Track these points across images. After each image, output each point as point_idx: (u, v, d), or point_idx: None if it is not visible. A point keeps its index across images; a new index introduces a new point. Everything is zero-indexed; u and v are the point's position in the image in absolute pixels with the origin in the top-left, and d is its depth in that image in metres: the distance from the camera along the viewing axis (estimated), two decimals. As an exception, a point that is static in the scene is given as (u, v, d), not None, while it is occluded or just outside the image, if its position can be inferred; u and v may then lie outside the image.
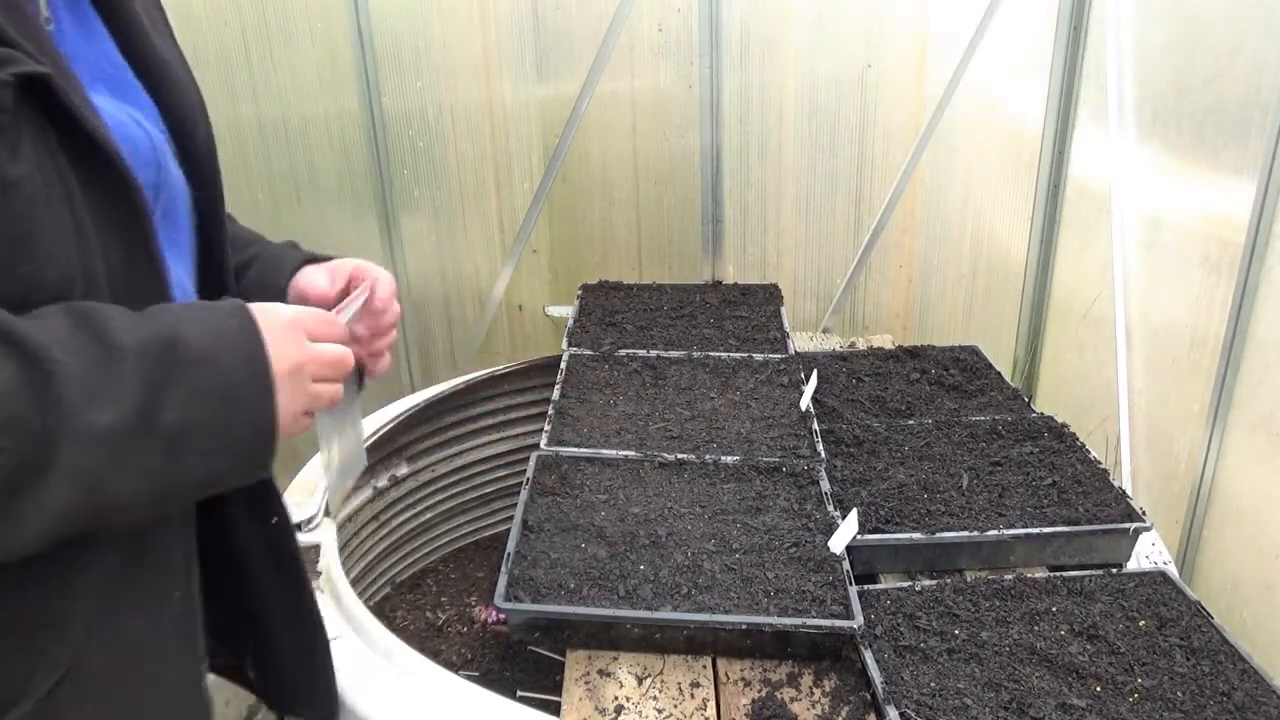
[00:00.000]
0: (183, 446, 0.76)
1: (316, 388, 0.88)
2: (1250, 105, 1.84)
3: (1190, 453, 2.04)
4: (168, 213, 0.92)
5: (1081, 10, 2.45)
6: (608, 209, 3.12)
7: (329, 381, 0.90)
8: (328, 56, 2.78)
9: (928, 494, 1.75)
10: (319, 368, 0.88)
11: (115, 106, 0.86)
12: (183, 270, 0.96)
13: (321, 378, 0.89)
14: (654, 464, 1.80)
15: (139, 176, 0.83)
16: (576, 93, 2.89)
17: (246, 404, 0.81)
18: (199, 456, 0.78)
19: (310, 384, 0.88)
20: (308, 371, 0.87)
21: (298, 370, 0.86)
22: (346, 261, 1.13)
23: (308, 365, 0.87)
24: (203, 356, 0.78)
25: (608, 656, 1.45)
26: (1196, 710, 1.28)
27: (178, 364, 0.76)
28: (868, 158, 3.08)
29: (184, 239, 0.97)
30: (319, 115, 2.84)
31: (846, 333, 3.23)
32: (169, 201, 0.92)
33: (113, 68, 0.90)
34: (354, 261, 1.13)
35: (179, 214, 0.95)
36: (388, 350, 1.13)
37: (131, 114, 0.88)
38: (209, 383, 0.78)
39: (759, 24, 2.89)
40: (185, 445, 0.76)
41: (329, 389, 0.90)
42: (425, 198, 3.01)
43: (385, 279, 1.11)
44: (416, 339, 3.15)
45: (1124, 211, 2.29)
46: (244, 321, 0.83)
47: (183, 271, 0.96)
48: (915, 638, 1.42)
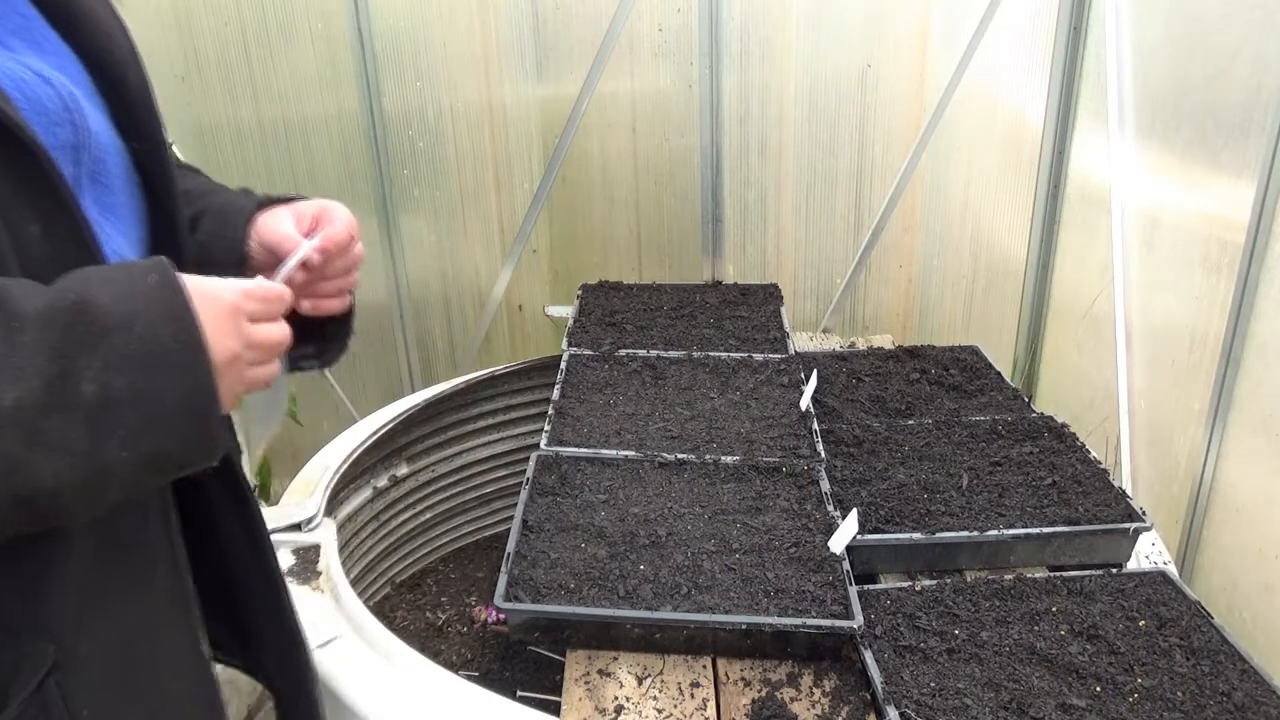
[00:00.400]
0: (107, 421, 0.69)
1: (253, 373, 0.82)
2: (1250, 105, 1.84)
3: (1190, 453, 2.04)
4: (97, 174, 0.84)
5: (1081, 10, 2.45)
6: (608, 209, 3.12)
7: (266, 364, 0.84)
8: (328, 56, 2.78)
9: (928, 494, 1.75)
10: (257, 354, 0.82)
11: (16, 63, 0.78)
12: (123, 237, 0.87)
13: (259, 361, 0.83)
14: (654, 464, 1.80)
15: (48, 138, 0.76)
16: (576, 93, 2.89)
17: (175, 368, 0.73)
18: (130, 433, 0.70)
19: (247, 371, 0.81)
20: (245, 359, 0.80)
21: (235, 360, 0.79)
22: (311, 202, 1.04)
23: (247, 353, 0.80)
24: (120, 320, 0.70)
25: (608, 656, 1.45)
26: (1196, 710, 1.28)
27: (89, 330, 0.69)
28: (868, 158, 3.08)
29: (124, 201, 0.88)
30: (319, 115, 2.84)
31: (846, 333, 3.23)
32: (96, 162, 0.84)
33: (21, 17, 0.82)
34: (319, 202, 1.04)
35: (111, 175, 0.86)
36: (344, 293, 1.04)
37: (37, 69, 0.79)
38: (128, 348, 0.70)
39: (759, 24, 2.89)
40: (109, 419, 0.69)
41: (265, 371, 0.84)
42: (425, 198, 3.01)
43: (341, 220, 1.02)
44: (416, 339, 3.16)
45: (1124, 211, 2.29)
46: (164, 277, 0.74)
47: (123, 239, 0.87)
48: (915, 638, 1.42)
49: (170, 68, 2.69)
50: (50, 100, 0.78)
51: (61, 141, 0.78)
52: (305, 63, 2.77)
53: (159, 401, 0.72)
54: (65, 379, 0.68)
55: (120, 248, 0.86)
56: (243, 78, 2.75)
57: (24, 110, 0.75)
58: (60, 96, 0.79)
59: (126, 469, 0.72)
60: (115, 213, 0.87)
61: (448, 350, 3.22)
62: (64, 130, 0.79)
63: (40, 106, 0.77)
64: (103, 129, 0.85)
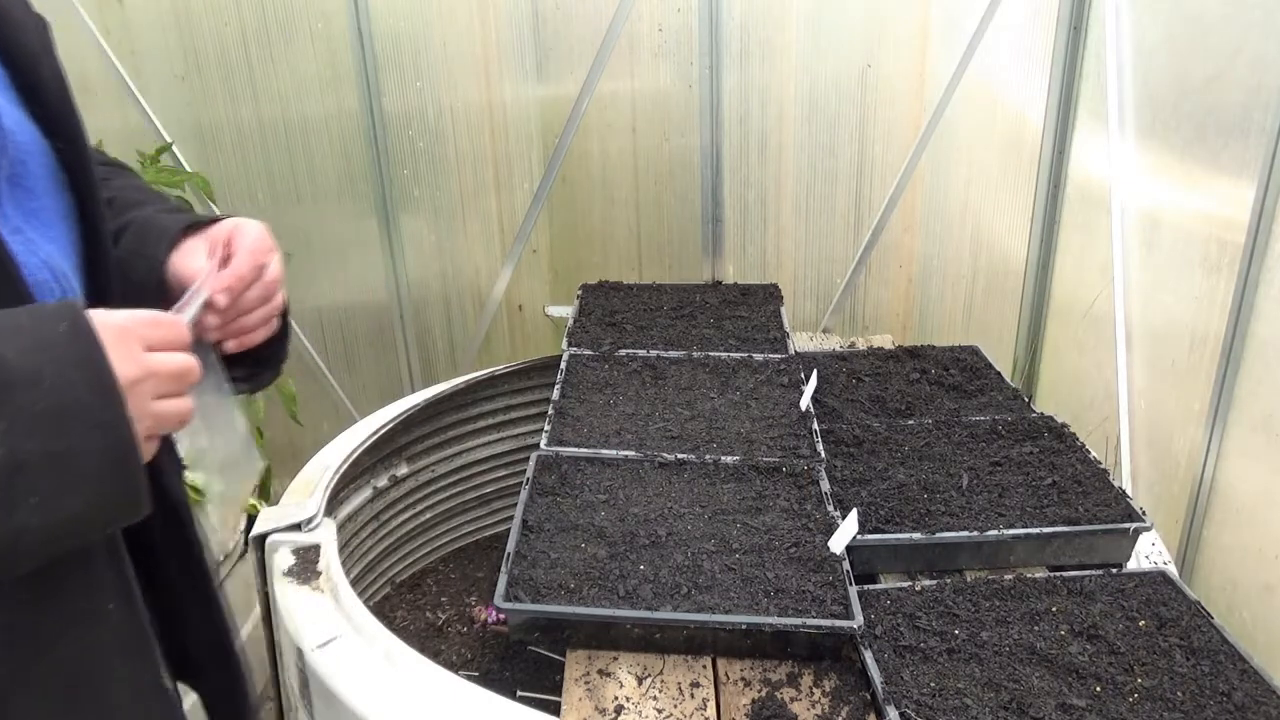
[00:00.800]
0: (17, 487, 0.63)
1: (160, 406, 0.74)
2: (1250, 106, 1.84)
3: (1190, 453, 2.04)
4: (18, 177, 0.79)
5: (1081, 10, 2.45)
6: (608, 209, 3.12)
7: (173, 397, 0.76)
8: (328, 56, 2.78)
9: (928, 494, 1.75)
10: (159, 383, 0.74)
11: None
12: (52, 244, 0.82)
13: (164, 393, 0.75)
14: (654, 464, 1.80)
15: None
16: (576, 93, 2.89)
17: (91, 423, 0.67)
18: (43, 499, 0.65)
19: (151, 403, 0.73)
20: (146, 389, 0.73)
21: (133, 387, 0.71)
22: (222, 224, 0.96)
23: (145, 381, 0.72)
24: (27, 375, 0.64)
25: (608, 656, 1.45)
26: (1196, 710, 1.28)
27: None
28: (868, 158, 3.08)
29: (50, 204, 0.83)
30: (319, 115, 2.84)
31: (846, 333, 3.23)
32: (16, 164, 0.79)
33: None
34: (230, 222, 0.96)
35: (35, 177, 0.81)
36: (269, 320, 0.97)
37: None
38: (35, 407, 0.64)
39: (759, 24, 2.89)
40: (20, 485, 0.63)
41: (175, 405, 0.76)
42: (425, 198, 3.01)
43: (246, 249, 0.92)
44: (416, 339, 3.16)
45: (1124, 211, 2.29)
46: (75, 324, 0.68)
47: (52, 245, 0.82)
48: (915, 638, 1.42)
49: (170, 68, 2.70)
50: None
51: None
52: (305, 63, 2.78)
53: (75, 462, 0.66)
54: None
55: (49, 255, 0.81)
56: (243, 78, 2.75)
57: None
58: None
59: (40, 536, 0.67)
60: (40, 217, 0.82)
61: (448, 350, 3.22)
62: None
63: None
64: (22, 128, 0.80)
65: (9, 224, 0.77)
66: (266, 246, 0.95)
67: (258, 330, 0.96)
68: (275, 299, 0.97)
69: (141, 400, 0.72)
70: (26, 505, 0.64)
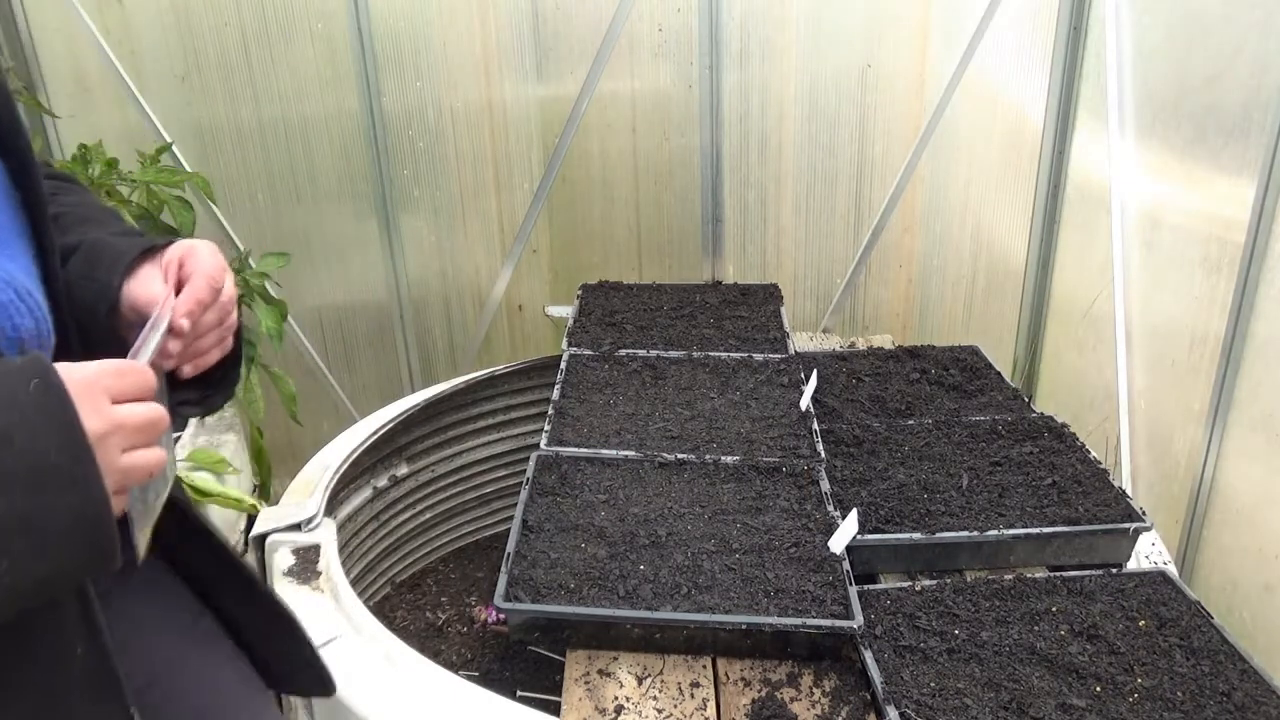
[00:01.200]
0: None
1: (129, 460, 0.72)
2: (1250, 105, 1.84)
3: (1190, 453, 2.04)
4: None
5: (1081, 10, 2.45)
6: (608, 209, 3.12)
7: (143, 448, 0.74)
8: (328, 57, 2.78)
9: (928, 494, 1.75)
10: (127, 435, 0.72)
11: None
12: (11, 261, 0.81)
13: (133, 445, 0.73)
14: (654, 464, 1.80)
15: None
16: (576, 93, 2.89)
17: (63, 485, 0.65)
18: (14, 560, 0.64)
19: (120, 457, 0.71)
20: (114, 443, 0.71)
21: (101, 442, 0.69)
22: (174, 248, 0.93)
23: (113, 435, 0.70)
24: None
25: (608, 656, 1.45)
26: (1196, 710, 1.28)
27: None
28: (868, 158, 3.08)
29: (5, 222, 0.82)
30: (319, 115, 2.84)
31: (846, 333, 3.23)
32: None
33: None
34: (182, 245, 0.94)
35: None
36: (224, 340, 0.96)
37: None
38: (5, 466, 0.63)
39: (759, 24, 2.89)
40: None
41: (146, 456, 0.74)
42: (425, 198, 3.01)
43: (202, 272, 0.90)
44: (416, 339, 3.16)
45: (1124, 211, 2.29)
46: (45, 381, 0.66)
47: (11, 263, 0.80)
48: (915, 638, 1.42)
49: (170, 68, 2.70)
50: None
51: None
52: (305, 63, 2.78)
53: (46, 523, 0.65)
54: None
55: (10, 273, 0.79)
56: (243, 78, 2.75)
57: None
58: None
59: (13, 595, 0.66)
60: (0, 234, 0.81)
61: (448, 350, 3.23)
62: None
63: None
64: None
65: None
66: (221, 267, 0.94)
67: (212, 352, 0.95)
68: (230, 319, 0.96)
69: (110, 454, 0.70)
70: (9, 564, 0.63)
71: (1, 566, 0.63)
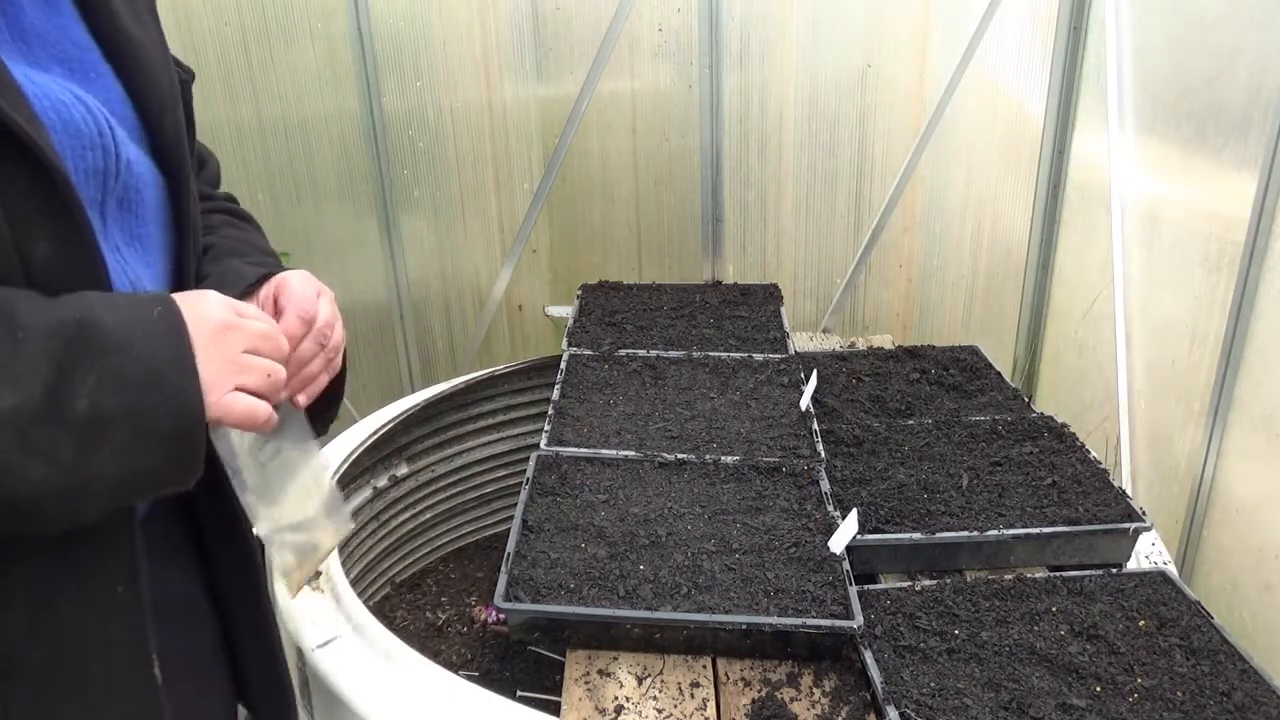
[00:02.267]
0: (97, 436, 0.72)
1: (249, 358, 0.82)
2: (1250, 105, 1.84)
3: (1190, 453, 2.04)
4: (126, 203, 0.87)
5: (1081, 10, 2.45)
6: (608, 209, 3.12)
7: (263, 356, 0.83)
8: (328, 56, 2.78)
9: (928, 494, 1.75)
10: (249, 338, 0.82)
11: (60, 86, 0.80)
12: (145, 267, 0.90)
13: (253, 349, 0.83)
14: (654, 464, 1.80)
15: (76, 162, 0.79)
16: (576, 93, 2.89)
17: (167, 392, 0.75)
18: (114, 449, 0.73)
19: (241, 354, 0.81)
20: (235, 339, 0.81)
21: (223, 333, 0.80)
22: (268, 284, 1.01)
23: (235, 332, 0.81)
24: (120, 342, 0.73)
25: (608, 656, 1.45)
26: (1196, 710, 1.28)
27: (90, 348, 0.72)
28: (868, 158, 3.08)
29: (152, 232, 0.91)
30: (319, 115, 2.84)
31: (846, 333, 3.23)
32: (129, 191, 0.86)
33: (75, 47, 0.85)
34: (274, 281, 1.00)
35: (144, 205, 0.89)
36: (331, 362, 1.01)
37: (79, 94, 0.82)
38: (125, 369, 0.73)
39: (759, 24, 2.89)
40: (99, 435, 0.72)
41: (264, 362, 0.83)
42: (425, 198, 3.01)
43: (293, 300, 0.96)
44: (416, 339, 3.16)
45: (1124, 211, 2.29)
46: (167, 310, 0.78)
47: (145, 268, 0.89)
48: (915, 638, 1.42)
49: (170, 68, 2.70)
50: (85, 124, 0.80)
51: (90, 166, 0.81)
52: (305, 63, 2.78)
53: (148, 422, 0.74)
54: (61, 391, 0.70)
55: (138, 277, 0.88)
56: (243, 78, 2.75)
57: (56, 132, 0.77)
58: (95, 122, 0.81)
59: (109, 484, 0.74)
60: (142, 242, 0.89)
61: (448, 350, 3.22)
62: (95, 155, 0.81)
63: (74, 129, 0.79)
64: (141, 162, 0.88)
65: (109, 241, 0.84)
66: (311, 296, 0.98)
67: (320, 376, 0.99)
68: (331, 342, 1.00)
69: (228, 345, 0.80)
70: (101, 455, 0.72)
71: (104, 452, 0.72)
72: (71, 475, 0.71)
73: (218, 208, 1.15)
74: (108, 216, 0.85)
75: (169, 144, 0.92)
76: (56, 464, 0.70)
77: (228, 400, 0.81)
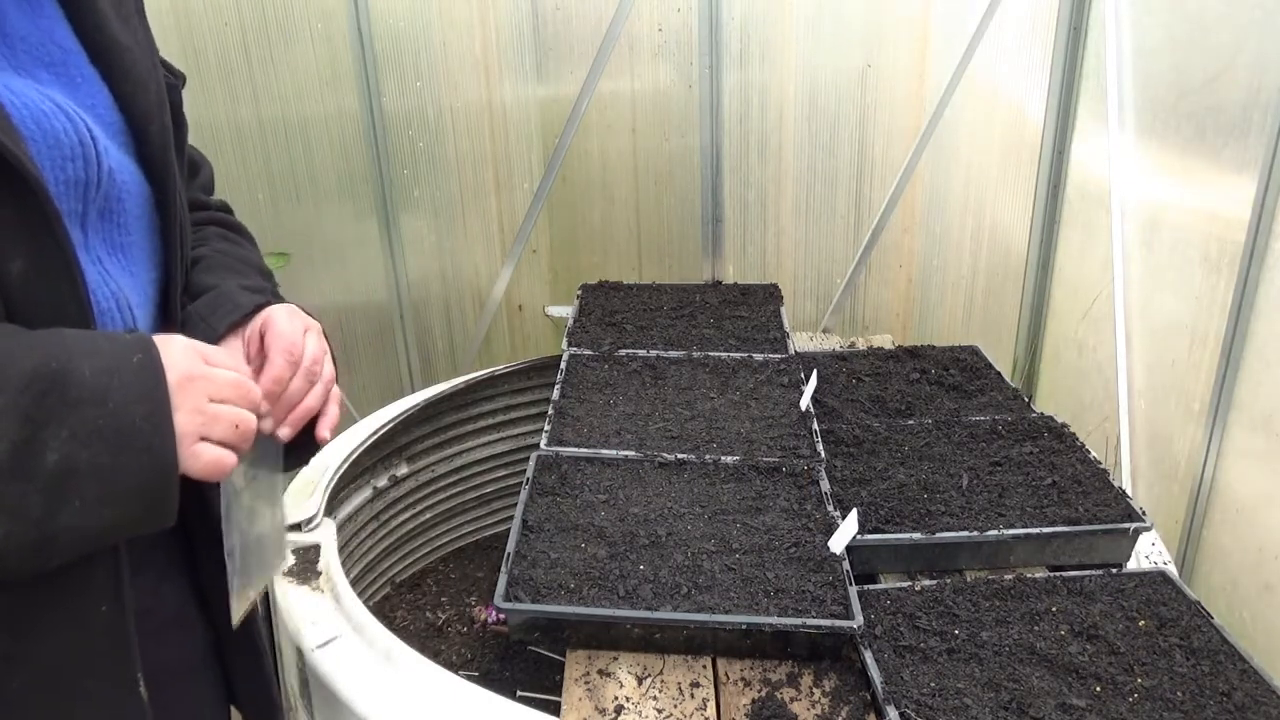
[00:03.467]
0: (67, 490, 0.70)
1: (216, 408, 0.79)
2: (1250, 106, 1.84)
3: (1190, 453, 2.04)
4: (110, 212, 0.85)
5: (1081, 10, 2.45)
6: (608, 209, 3.12)
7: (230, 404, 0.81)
8: (328, 57, 2.78)
9: (928, 494, 1.75)
10: (217, 387, 0.80)
11: (39, 93, 0.78)
12: (130, 277, 0.88)
13: (221, 398, 0.80)
14: (654, 464, 1.80)
15: (55, 173, 0.77)
16: (576, 93, 2.89)
17: (139, 447, 0.73)
18: (84, 504, 0.71)
19: (207, 403, 0.79)
20: (201, 387, 0.78)
21: (189, 382, 0.77)
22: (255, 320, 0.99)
23: (201, 381, 0.78)
24: (95, 394, 0.71)
25: (608, 656, 1.45)
26: (1196, 710, 1.28)
27: (64, 400, 0.70)
28: (868, 158, 3.08)
29: (136, 241, 0.89)
30: (319, 115, 2.84)
31: (846, 333, 3.23)
32: (111, 200, 0.84)
33: (59, 50, 0.83)
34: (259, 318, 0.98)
35: (127, 214, 0.87)
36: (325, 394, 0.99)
37: (60, 102, 0.80)
38: (99, 423, 0.71)
39: (759, 24, 2.89)
40: (69, 489, 0.70)
41: (231, 412, 0.81)
42: (425, 198, 3.01)
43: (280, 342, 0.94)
44: (416, 339, 3.16)
45: (1124, 211, 2.29)
46: (146, 358, 0.75)
47: (129, 278, 0.88)
48: (915, 638, 1.42)
49: (170, 68, 2.70)
50: (65, 134, 0.78)
51: (70, 177, 0.79)
52: (305, 63, 2.78)
53: (120, 477, 0.73)
54: (32, 446, 0.68)
55: (121, 288, 0.85)
56: (243, 78, 2.75)
57: (34, 142, 0.75)
58: (76, 131, 0.79)
59: (76, 535, 0.72)
60: (127, 252, 0.87)
61: (448, 350, 3.22)
62: (75, 165, 0.79)
63: (54, 139, 0.78)
64: (126, 169, 0.86)
65: (90, 253, 0.83)
66: (298, 334, 0.97)
67: (309, 408, 0.98)
68: (324, 375, 0.99)
69: (195, 396, 0.78)
70: (69, 509, 0.71)
71: (73, 506, 0.71)
72: (38, 529, 0.70)
73: (211, 218, 1.13)
74: (88, 227, 0.83)
75: (156, 151, 0.90)
76: (23, 518, 0.69)
77: (194, 451, 0.79)
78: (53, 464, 0.69)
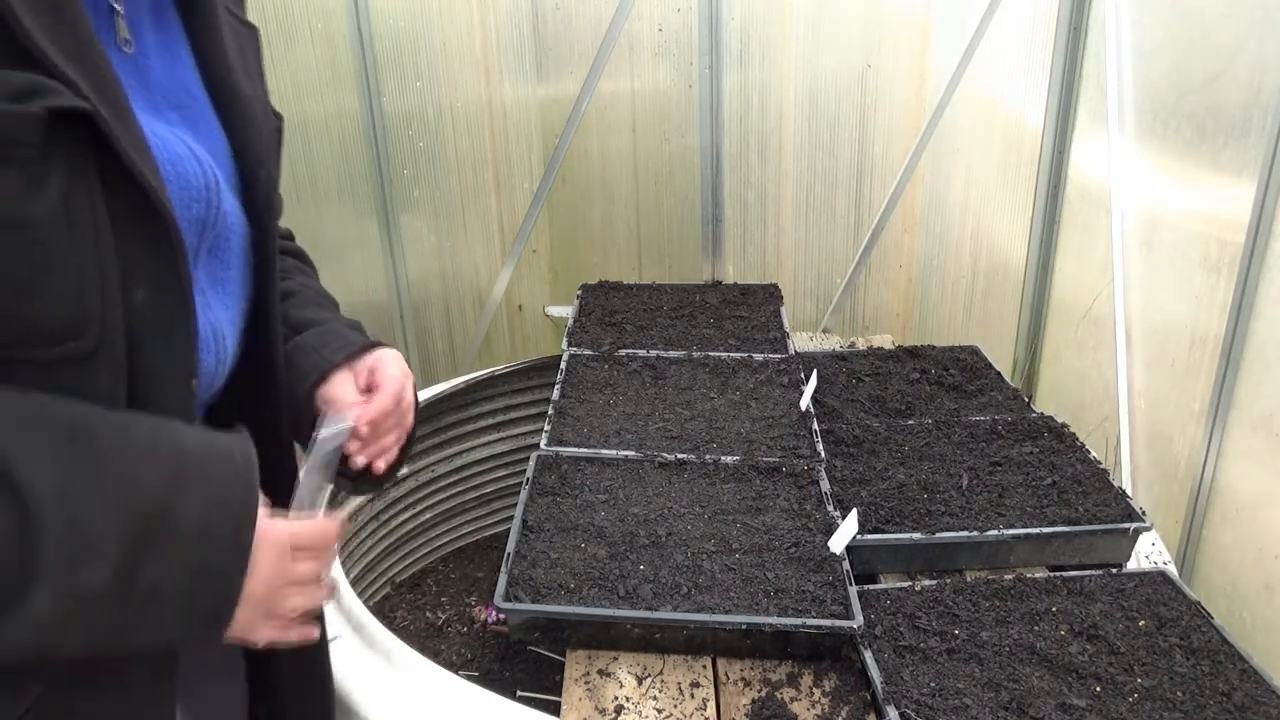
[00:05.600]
0: (148, 610, 0.75)
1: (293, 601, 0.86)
2: (1250, 106, 1.84)
3: (1190, 453, 2.04)
4: (216, 250, 0.91)
5: (1081, 10, 2.45)
6: (608, 209, 3.12)
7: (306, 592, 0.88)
8: (328, 56, 2.78)
9: (928, 494, 1.75)
10: (297, 588, 0.86)
11: (175, 136, 0.85)
12: (224, 310, 0.93)
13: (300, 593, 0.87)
14: (654, 464, 1.80)
15: (183, 211, 0.82)
16: (576, 93, 2.89)
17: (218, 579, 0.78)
18: (158, 622, 0.76)
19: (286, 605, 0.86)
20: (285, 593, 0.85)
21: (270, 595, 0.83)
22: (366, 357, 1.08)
23: (286, 588, 0.85)
24: (198, 531, 0.76)
25: (608, 656, 1.45)
26: (1196, 710, 1.28)
27: (168, 533, 0.74)
28: (868, 158, 3.08)
29: (234, 276, 0.95)
30: (319, 115, 2.84)
31: (846, 333, 3.23)
32: (219, 238, 0.91)
33: (189, 96, 0.90)
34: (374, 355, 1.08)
35: (230, 251, 0.93)
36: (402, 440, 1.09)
37: (191, 146, 0.86)
38: (193, 556, 0.76)
39: (758, 24, 2.89)
40: (150, 609, 0.75)
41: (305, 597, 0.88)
42: (425, 198, 3.01)
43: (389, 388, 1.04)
44: (416, 339, 3.16)
45: (1124, 211, 2.29)
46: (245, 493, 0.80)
47: (223, 310, 0.93)
48: (915, 638, 1.42)
49: (170, 68, 2.70)
50: (195, 178, 0.85)
51: (195, 216, 0.85)
52: (305, 62, 2.77)
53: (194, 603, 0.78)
54: (130, 569, 0.72)
55: (217, 319, 0.92)
56: (243, 78, 2.75)
57: (170, 183, 0.81)
58: (204, 175, 0.86)
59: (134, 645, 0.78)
60: (225, 286, 0.93)
61: (448, 350, 3.22)
62: (198, 206, 0.85)
63: (185, 182, 0.83)
64: (234, 211, 0.93)
65: (196, 285, 0.87)
66: (405, 380, 1.07)
67: (391, 451, 1.07)
68: (407, 422, 1.09)
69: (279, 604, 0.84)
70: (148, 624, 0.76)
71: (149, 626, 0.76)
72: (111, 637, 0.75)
73: (286, 248, 1.21)
74: (198, 263, 0.88)
75: (261, 196, 0.96)
76: (104, 630, 0.74)
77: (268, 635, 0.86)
78: (144, 587, 0.73)
